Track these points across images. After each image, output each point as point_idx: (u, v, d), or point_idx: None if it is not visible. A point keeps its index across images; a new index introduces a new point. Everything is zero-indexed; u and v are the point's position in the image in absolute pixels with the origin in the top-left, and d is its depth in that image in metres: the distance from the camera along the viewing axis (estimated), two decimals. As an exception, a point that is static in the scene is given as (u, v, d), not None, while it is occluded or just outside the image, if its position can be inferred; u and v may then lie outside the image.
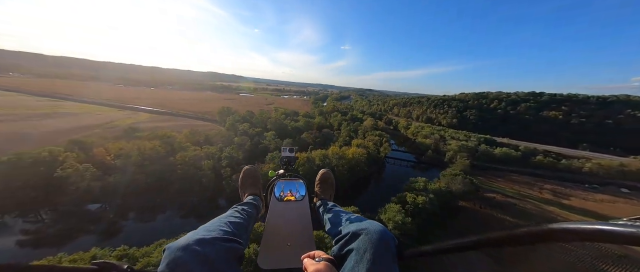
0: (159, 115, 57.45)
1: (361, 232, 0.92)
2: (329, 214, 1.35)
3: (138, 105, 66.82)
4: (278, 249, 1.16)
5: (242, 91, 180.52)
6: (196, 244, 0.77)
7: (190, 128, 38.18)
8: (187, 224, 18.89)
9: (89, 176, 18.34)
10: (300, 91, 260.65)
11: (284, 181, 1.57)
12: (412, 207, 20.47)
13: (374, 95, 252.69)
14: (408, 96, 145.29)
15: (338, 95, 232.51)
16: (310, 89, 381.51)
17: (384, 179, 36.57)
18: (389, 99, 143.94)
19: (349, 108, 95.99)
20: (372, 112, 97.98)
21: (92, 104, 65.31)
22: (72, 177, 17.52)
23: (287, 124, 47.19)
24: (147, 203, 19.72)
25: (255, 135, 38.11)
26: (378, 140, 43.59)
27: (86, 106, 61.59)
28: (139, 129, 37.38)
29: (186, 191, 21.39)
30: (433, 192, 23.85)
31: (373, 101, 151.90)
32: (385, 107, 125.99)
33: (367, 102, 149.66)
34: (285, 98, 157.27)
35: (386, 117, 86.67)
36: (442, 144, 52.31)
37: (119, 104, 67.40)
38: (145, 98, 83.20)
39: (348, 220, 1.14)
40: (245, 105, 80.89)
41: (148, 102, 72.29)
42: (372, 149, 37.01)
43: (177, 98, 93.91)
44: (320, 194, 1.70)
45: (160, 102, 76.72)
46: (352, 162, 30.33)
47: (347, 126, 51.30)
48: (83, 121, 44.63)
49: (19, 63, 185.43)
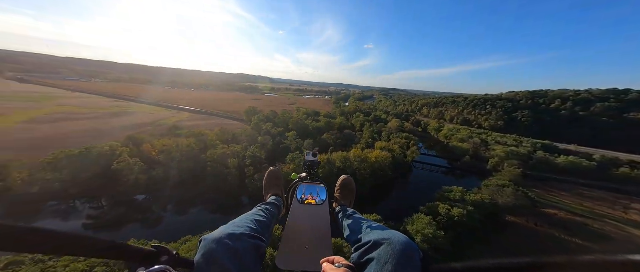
0: (196, 115, 64.22)
1: (383, 242, 0.90)
2: (348, 221, 1.33)
3: (181, 106, 76.00)
4: (296, 251, 1.16)
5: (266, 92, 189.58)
6: (227, 238, 0.86)
7: (220, 127, 41.31)
8: (214, 219, 20.16)
9: (137, 170, 21.12)
10: (322, 91, 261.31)
11: (306, 184, 1.63)
12: (446, 220, 18.24)
13: (400, 95, 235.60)
14: (439, 96, 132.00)
15: (360, 95, 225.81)
16: (331, 89, 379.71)
17: (410, 185, 33.39)
18: (418, 99, 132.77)
19: (372, 108, 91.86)
20: (397, 113, 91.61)
21: (147, 104, 76.94)
22: (124, 170, 20.42)
23: (309, 124, 47.15)
24: (183, 197, 21.72)
25: (278, 135, 39.02)
26: (405, 143, 40.21)
27: (143, 106, 72.84)
28: (180, 127, 42.14)
29: (214, 188, 22.88)
30: (473, 204, 20.87)
31: (399, 101, 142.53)
32: (413, 107, 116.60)
33: (392, 103, 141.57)
34: (307, 98, 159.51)
35: (414, 119, 79.75)
36: (483, 149, 45.65)
37: (167, 104, 77.79)
38: (187, 99, 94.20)
39: (369, 228, 1.12)
40: (269, 105, 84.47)
41: (189, 103, 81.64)
42: (397, 153, 34.15)
43: (211, 98, 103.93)
44: (340, 199, 1.69)
45: (198, 102, 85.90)
46: (375, 166, 28.40)
47: (369, 127, 48.79)
48: (139, 120, 52.68)
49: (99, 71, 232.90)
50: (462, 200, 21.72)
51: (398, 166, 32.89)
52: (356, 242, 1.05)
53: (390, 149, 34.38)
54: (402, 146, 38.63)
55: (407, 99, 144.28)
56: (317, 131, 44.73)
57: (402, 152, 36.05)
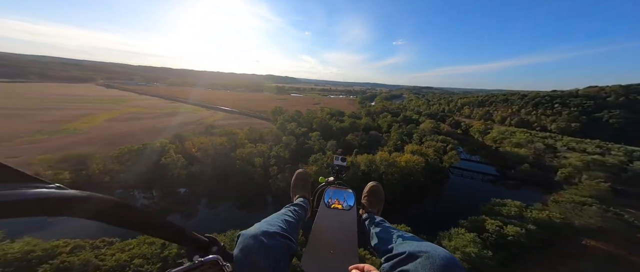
0: (230, 114, 70.34)
1: (420, 254, 0.85)
2: (376, 229, 1.30)
3: (218, 106, 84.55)
4: (322, 255, 1.17)
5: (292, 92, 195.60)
6: (262, 236, 0.90)
7: (249, 126, 44.05)
8: (241, 216, 21.36)
9: (180, 165, 23.93)
10: (346, 91, 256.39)
11: (333, 188, 1.63)
12: (495, 238, 15.44)
13: (434, 93, 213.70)
14: (484, 93, 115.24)
15: (388, 94, 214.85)
16: (356, 88, 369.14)
17: (446, 194, 29.46)
18: (456, 97, 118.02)
19: (401, 108, 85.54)
20: (431, 112, 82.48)
21: (192, 105, 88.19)
22: (170, 165, 23.38)
23: (332, 124, 46.21)
24: (215, 192, 23.68)
25: (301, 134, 39.32)
26: (441, 146, 35.69)
27: (189, 107, 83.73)
28: (216, 126, 46.59)
29: (241, 185, 24.26)
30: (535, 222, 17.37)
31: (433, 100, 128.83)
32: (451, 107, 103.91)
33: (424, 102, 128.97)
34: (332, 98, 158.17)
35: (452, 119, 70.49)
36: (549, 157, 37.44)
37: (207, 104, 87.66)
38: (223, 99, 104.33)
39: (400, 238, 1.08)
40: (294, 104, 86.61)
41: (224, 103, 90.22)
42: (432, 157, 30.45)
43: (243, 99, 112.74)
44: (367, 206, 1.68)
45: (232, 102, 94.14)
46: (405, 170, 25.86)
47: (398, 128, 45.09)
48: (185, 119, 60.53)
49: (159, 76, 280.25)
50: (520, 216, 18.08)
51: (432, 171, 29.35)
52: (386, 252, 1.02)
53: (423, 153, 30.91)
54: (438, 149, 34.37)
55: (443, 98, 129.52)
56: (341, 132, 43.47)
57: (437, 156, 32.05)
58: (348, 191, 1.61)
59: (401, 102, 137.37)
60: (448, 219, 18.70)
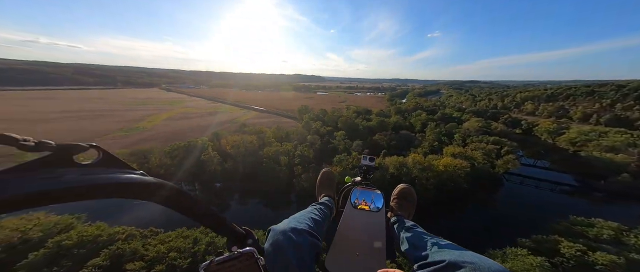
0: (260, 113, 75.09)
1: (463, 265, 0.76)
2: (407, 233, 1.23)
3: (250, 105, 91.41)
4: (347, 256, 1.16)
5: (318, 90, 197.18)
6: (291, 232, 0.92)
7: (277, 124, 45.92)
8: (267, 213, 22.33)
9: (216, 161, 26.52)
10: (374, 88, 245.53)
11: (360, 189, 1.61)
12: (574, 265, 12.18)
13: (481, 87, 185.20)
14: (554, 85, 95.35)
15: (422, 90, 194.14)
16: (385, 84, 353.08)
17: (498, 203, 24.67)
18: (515, 91, 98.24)
19: (438, 105, 75.74)
20: (478, 110, 70.40)
21: (229, 105, 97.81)
22: (208, 161, 26.14)
23: (359, 123, 44.13)
24: (245, 189, 25.43)
25: (326, 134, 38.78)
26: (493, 149, 30.05)
27: (227, 107, 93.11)
28: (248, 125, 50.32)
29: (267, 183, 25.34)
30: None
31: (480, 95, 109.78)
32: (507, 102, 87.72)
33: (469, 97, 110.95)
34: (358, 95, 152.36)
35: (508, 117, 58.53)
36: None
37: (240, 104, 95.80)
38: (255, 99, 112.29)
39: (436, 245, 0.99)
40: (320, 103, 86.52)
41: (255, 103, 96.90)
42: (480, 162, 25.92)
43: (273, 98, 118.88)
44: (396, 209, 1.58)
45: (262, 102, 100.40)
46: (443, 175, 22.70)
47: (435, 128, 40.02)
48: (223, 118, 67.39)
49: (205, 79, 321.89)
50: (616, 241, 13.98)
51: (480, 177, 24.97)
52: (419, 259, 0.96)
53: (468, 156, 26.61)
54: (488, 152, 29.05)
55: (494, 92, 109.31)
56: (368, 131, 41.18)
57: (488, 160, 27.18)
58: (376, 191, 1.57)
59: (438, 98, 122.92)
60: (500, 236, 15.92)
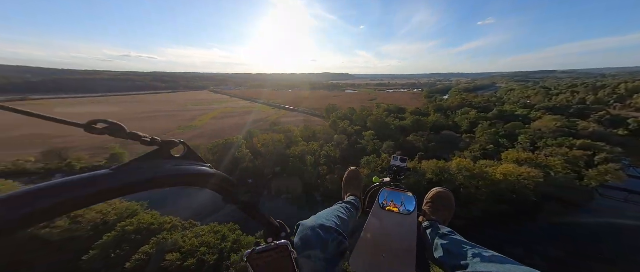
0: (290, 112, 78.00)
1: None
2: (442, 240, 1.16)
3: (281, 105, 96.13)
4: (372, 257, 1.15)
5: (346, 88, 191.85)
6: (319, 229, 0.94)
7: (305, 123, 46.66)
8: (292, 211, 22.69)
9: (248, 159, 28.57)
10: (408, 84, 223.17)
11: (389, 190, 1.57)
12: None
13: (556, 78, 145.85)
14: None
15: (469, 84, 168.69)
16: (423, 80, 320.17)
17: (583, 224, 18.66)
18: (614, 81, 74.82)
19: (492, 101, 63.48)
20: (554, 106, 55.12)
21: (262, 104, 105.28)
22: (241, 158, 28.40)
23: (390, 122, 40.58)
24: (274, 186, 26.59)
25: (354, 133, 37.11)
26: (581, 155, 23.17)
27: (260, 106, 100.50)
28: (278, 123, 52.84)
29: (294, 182, 25.81)
30: None
31: (559, 88, 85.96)
32: (602, 96, 66.72)
33: (539, 91, 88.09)
34: (390, 92, 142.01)
35: (605, 114, 43.79)
36: None
37: (272, 104, 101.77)
38: (286, 98, 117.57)
39: (478, 256, 0.90)
40: (348, 101, 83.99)
41: (286, 102, 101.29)
42: (561, 171, 20.40)
43: (302, 97, 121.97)
44: (430, 214, 1.47)
45: (292, 101, 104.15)
46: (501, 185, 18.63)
47: (488, 128, 33.34)
48: (257, 117, 72.82)
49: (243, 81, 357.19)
50: None
51: (556, 189, 19.51)
52: (457, 268, 0.91)
53: (541, 163, 21.28)
54: (574, 159, 22.40)
55: (581, 84, 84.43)
56: (401, 131, 37.46)
57: (573, 169, 21.14)
58: (407, 194, 1.51)
59: (493, 93, 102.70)
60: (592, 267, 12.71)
